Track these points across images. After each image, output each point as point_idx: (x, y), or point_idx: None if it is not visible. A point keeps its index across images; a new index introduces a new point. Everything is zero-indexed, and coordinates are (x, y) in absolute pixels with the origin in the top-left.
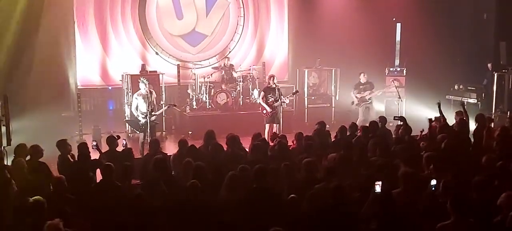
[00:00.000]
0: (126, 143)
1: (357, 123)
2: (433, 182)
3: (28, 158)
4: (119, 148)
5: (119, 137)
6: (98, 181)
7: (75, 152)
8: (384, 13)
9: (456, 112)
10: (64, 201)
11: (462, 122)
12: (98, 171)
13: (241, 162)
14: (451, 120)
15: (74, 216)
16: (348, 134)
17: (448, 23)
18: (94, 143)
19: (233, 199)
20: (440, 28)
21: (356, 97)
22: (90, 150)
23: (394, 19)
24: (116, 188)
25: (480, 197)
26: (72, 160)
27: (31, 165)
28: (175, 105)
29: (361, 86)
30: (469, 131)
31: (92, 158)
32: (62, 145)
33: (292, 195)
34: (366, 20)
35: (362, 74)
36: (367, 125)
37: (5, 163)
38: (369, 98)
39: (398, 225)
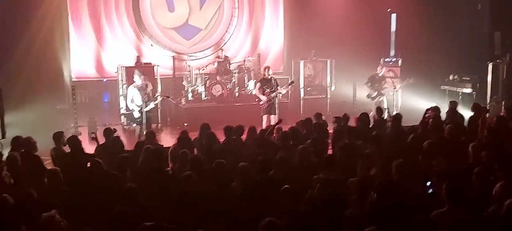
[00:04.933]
0: (95, 135)
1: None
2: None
3: (22, 151)
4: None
5: (115, 130)
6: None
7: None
8: (379, 4)
9: (450, 102)
10: (59, 193)
11: (454, 111)
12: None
13: (237, 152)
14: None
15: (68, 208)
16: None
17: (443, 13)
18: (93, 135)
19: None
20: (435, 18)
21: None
22: (88, 140)
23: (389, 9)
24: (112, 179)
25: (475, 186)
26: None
27: (25, 158)
28: (169, 97)
29: (377, 77)
30: (463, 119)
31: (91, 148)
32: (58, 137)
33: (285, 186)
34: (361, 11)
35: (379, 66)
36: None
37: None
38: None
39: (395, 215)
